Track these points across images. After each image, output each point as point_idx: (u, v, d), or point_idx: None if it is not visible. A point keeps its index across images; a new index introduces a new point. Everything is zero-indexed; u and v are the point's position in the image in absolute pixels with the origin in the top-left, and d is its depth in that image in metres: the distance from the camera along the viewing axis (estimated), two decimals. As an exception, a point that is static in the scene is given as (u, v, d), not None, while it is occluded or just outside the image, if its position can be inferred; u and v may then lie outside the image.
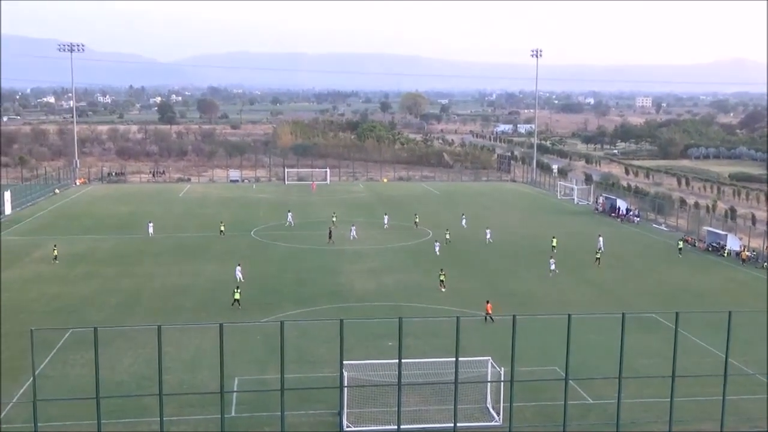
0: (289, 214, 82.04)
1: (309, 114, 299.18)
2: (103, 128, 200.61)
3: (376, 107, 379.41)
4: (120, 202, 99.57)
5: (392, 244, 71.57)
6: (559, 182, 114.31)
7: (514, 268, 62.32)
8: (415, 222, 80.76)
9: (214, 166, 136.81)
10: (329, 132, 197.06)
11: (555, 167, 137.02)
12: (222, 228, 75.19)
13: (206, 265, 62.16)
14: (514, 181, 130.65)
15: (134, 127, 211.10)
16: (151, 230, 73.73)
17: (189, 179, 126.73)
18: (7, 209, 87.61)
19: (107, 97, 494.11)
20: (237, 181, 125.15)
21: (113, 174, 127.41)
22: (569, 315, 31.17)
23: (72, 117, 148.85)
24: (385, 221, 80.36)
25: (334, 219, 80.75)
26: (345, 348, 30.14)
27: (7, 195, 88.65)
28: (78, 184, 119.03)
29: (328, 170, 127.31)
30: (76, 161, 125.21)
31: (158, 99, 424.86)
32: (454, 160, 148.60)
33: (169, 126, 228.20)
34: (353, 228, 73.76)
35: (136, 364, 38.97)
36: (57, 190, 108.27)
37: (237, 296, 50.37)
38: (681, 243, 68.81)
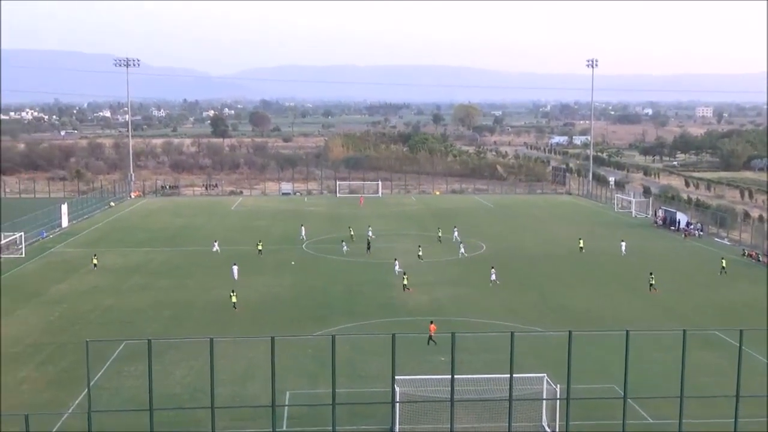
0: (369, 228, 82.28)
1: (360, 126, 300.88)
2: (158, 141, 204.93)
3: (428, 119, 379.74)
4: (173, 214, 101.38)
5: (445, 257, 71.36)
6: (616, 195, 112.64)
7: (570, 282, 61.60)
8: (439, 237, 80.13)
9: (266, 179, 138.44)
10: (381, 144, 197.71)
11: (612, 180, 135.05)
12: (260, 247, 73.06)
13: (258, 277, 62.81)
14: (570, 193, 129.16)
15: (188, 141, 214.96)
16: (216, 247, 73.52)
17: (241, 192, 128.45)
18: (65, 222, 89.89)
19: (162, 110, 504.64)
20: (289, 193, 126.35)
21: (167, 187, 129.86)
22: (627, 331, 30.61)
23: (127, 131, 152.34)
24: (455, 235, 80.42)
25: (371, 234, 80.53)
26: (397, 363, 30.08)
27: (64, 208, 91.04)
28: (133, 197, 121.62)
29: (379, 183, 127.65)
30: (131, 174, 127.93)
31: (211, 112, 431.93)
32: (507, 173, 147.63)
33: (221, 139, 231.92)
34: (392, 261, 73.55)
35: (188, 376, 39.51)
36: (112, 203, 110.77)
37: (234, 299, 52.54)
38: (724, 262, 66.29)
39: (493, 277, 60.11)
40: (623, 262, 68.87)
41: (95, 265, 67.46)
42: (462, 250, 72.19)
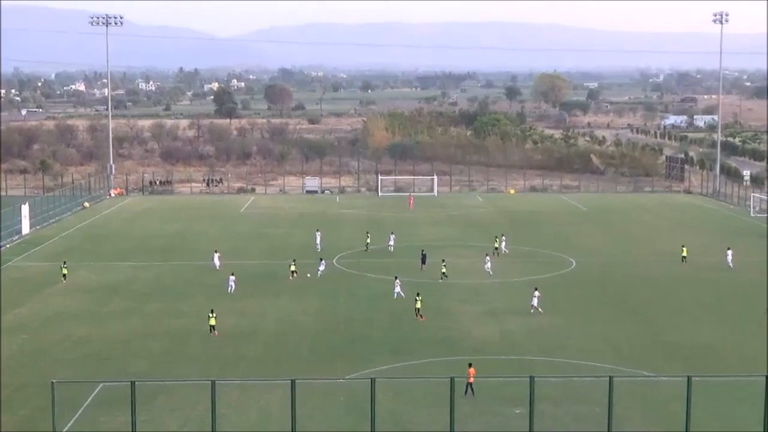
0: (392, 236, 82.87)
1: (410, 103, 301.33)
2: (146, 123, 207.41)
3: (499, 93, 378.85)
4: (165, 219, 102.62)
5: (520, 276, 71.13)
6: (752, 194, 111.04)
7: (687, 311, 60.95)
8: (495, 249, 79.61)
9: (286, 173, 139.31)
10: (437, 127, 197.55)
11: (746, 174, 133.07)
12: (293, 268, 70.71)
13: (275, 301, 63.29)
14: (689, 192, 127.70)
15: (184, 122, 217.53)
16: (216, 262, 74.07)
17: (253, 189, 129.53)
18: (25, 227, 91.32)
19: (151, 83, 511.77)
20: (316, 191, 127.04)
21: (157, 183, 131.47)
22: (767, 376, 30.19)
23: (106, 109, 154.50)
24: (502, 245, 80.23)
25: (392, 243, 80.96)
26: (457, 416, 30.11)
27: (25, 209, 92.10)
28: (113, 195, 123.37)
29: (435, 178, 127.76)
30: (110, 166, 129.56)
31: (215, 85, 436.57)
32: (605, 165, 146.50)
33: (228, 120, 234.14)
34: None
35: (185, 427, 39.89)
36: (87, 204, 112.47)
37: (212, 322, 53.78)
38: None
39: (535, 302, 59.83)
40: (754, 283, 67.79)
41: (65, 277, 68.66)
42: (488, 266, 71.85)
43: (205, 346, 52.67)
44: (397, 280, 64.23)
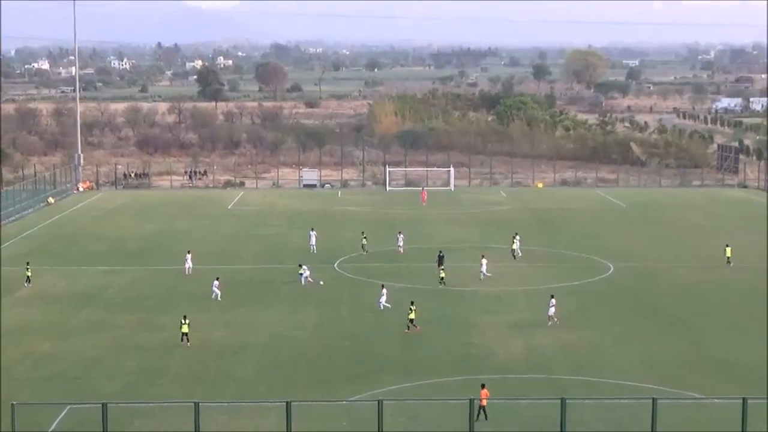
0: (400, 236, 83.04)
1: (422, 84, 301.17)
2: (119, 107, 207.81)
3: (526, 73, 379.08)
4: (142, 217, 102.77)
5: (549, 283, 71.06)
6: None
7: (739, 324, 60.94)
8: (512, 250, 79.59)
9: (280, 164, 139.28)
10: (454, 111, 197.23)
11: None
12: (301, 271, 71.26)
13: (267, 312, 63.39)
14: (744, 186, 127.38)
15: (163, 106, 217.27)
16: (189, 264, 74.70)
17: (243, 183, 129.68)
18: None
19: (125, 61, 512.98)
20: (314, 186, 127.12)
21: (132, 175, 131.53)
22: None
23: (73, 90, 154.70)
24: (516, 246, 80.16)
25: (401, 243, 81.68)
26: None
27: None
28: (81, 189, 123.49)
29: (451, 170, 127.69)
30: (78, 156, 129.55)
31: (198, 63, 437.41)
32: (647, 155, 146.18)
33: (213, 103, 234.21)
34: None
35: (163, 458, 39.99)
36: (51, 199, 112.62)
37: (184, 329, 54.39)
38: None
39: (552, 311, 59.80)
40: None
41: (29, 279, 68.92)
42: (483, 269, 71.99)
43: (188, 364, 52.68)
44: (384, 290, 64.06)
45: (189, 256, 74.93)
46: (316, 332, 58.88)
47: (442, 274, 70.07)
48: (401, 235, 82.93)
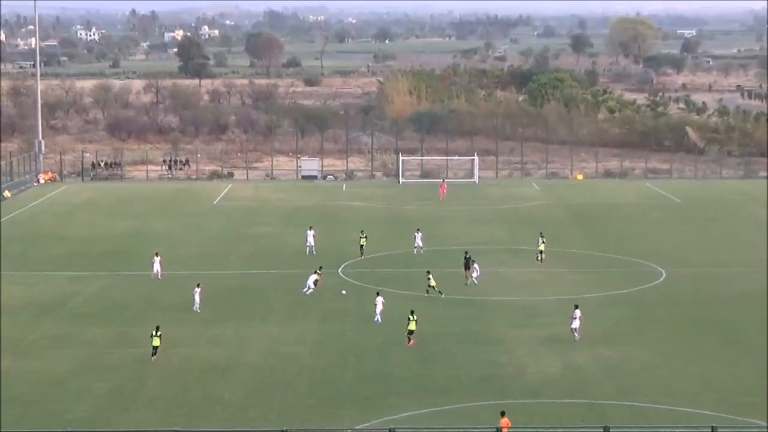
0: (418, 235, 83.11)
1: (442, 58, 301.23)
2: (86, 85, 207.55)
3: (563, 45, 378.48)
4: (113, 213, 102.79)
5: (590, 291, 71.10)
6: None
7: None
8: (540, 254, 79.78)
9: (275, 152, 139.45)
10: (478, 90, 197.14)
11: None
12: (318, 273, 71.81)
13: (260, 326, 63.39)
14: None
15: (138, 83, 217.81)
16: (157, 268, 75.13)
17: (231, 174, 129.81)
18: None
19: (93, 31, 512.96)
20: (315, 177, 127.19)
21: (102, 165, 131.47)
22: None
23: (33, 66, 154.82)
24: (540, 245, 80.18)
25: (420, 243, 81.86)
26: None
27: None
28: (42, 181, 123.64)
29: (476, 159, 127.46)
30: (39, 143, 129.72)
31: (179, 34, 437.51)
32: (706, 141, 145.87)
33: (197, 80, 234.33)
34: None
35: (138, 496, 40.15)
36: (7, 193, 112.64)
37: (156, 342, 55.11)
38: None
39: (576, 324, 59.77)
40: None
41: None
42: (475, 274, 72.34)
43: (167, 386, 52.67)
44: (379, 297, 64.08)
45: (157, 259, 75.36)
46: (316, 349, 58.89)
47: (432, 282, 69.70)
48: (419, 234, 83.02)
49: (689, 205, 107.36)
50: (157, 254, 76.11)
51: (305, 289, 69.96)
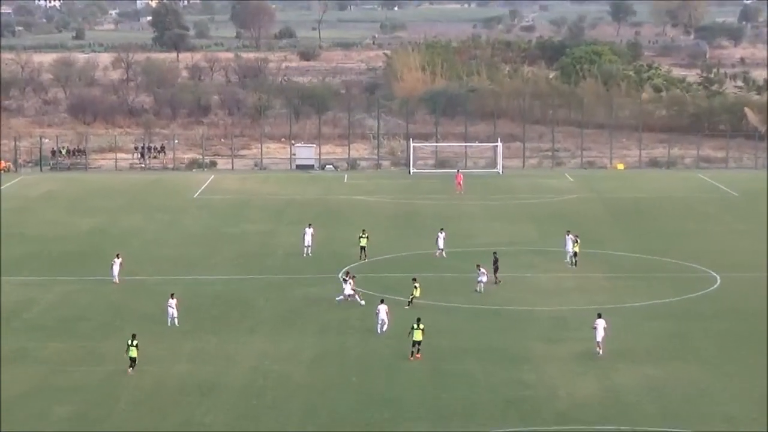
0: (441, 235, 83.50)
1: (460, 28, 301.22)
2: (45, 59, 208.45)
3: (600, 14, 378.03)
4: (77, 209, 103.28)
5: (633, 300, 71.34)
6: None
7: None
8: (573, 256, 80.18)
9: (265, 138, 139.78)
10: (502, 66, 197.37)
11: None
12: (348, 281, 74.35)
13: (248, 340, 63.65)
14: None
15: (105, 58, 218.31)
16: (116, 271, 75.51)
17: (213, 164, 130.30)
18: None
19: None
20: (311, 166, 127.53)
21: (63, 152, 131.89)
22: None
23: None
24: (568, 246, 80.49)
25: (442, 244, 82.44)
26: None
27: None
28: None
29: (499, 146, 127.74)
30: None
31: (153, 1, 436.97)
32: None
33: (174, 54, 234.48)
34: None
35: None
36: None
37: (133, 353, 55.90)
38: None
39: (599, 337, 59.96)
40: None
41: None
42: (481, 279, 72.66)
43: (139, 408, 52.88)
44: (383, 305, 64.50)
45: (118, 261, 75.66)
46: (313, 366, 59.06)
47: (417, 292, 69.73)
48: (442, 234, 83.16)
49: (748, 199, 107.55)
50: (118, 255, 76.38)
51: (340, 297, 70.52)
